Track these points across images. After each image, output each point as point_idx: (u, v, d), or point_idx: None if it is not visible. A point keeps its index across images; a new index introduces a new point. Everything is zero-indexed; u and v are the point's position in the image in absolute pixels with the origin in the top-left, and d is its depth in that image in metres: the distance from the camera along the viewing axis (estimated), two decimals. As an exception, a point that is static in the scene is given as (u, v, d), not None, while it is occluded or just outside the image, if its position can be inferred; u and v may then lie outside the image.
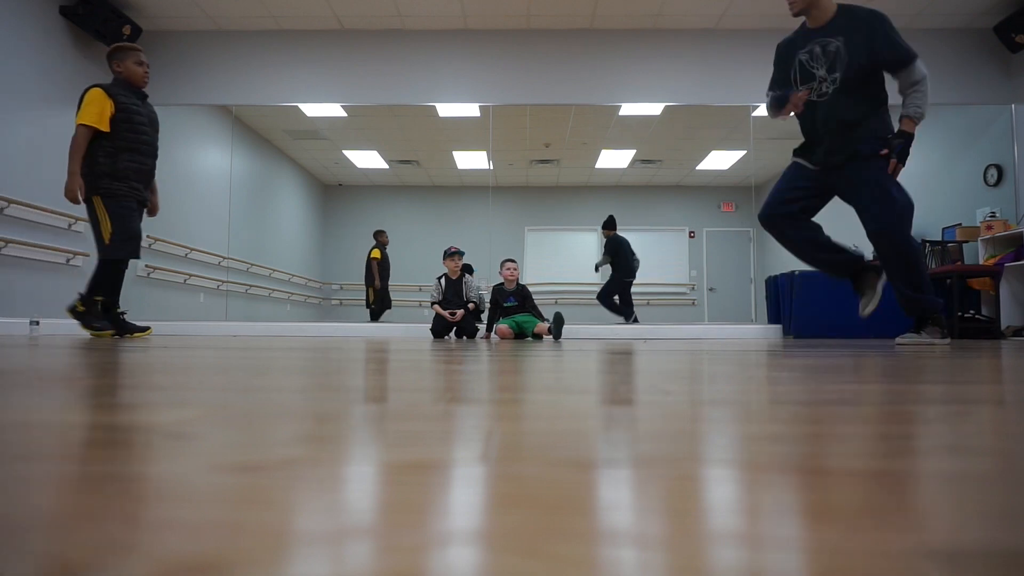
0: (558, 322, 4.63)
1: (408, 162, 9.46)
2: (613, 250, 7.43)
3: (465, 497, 0.35)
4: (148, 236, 5.88)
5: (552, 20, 6.32)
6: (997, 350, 2.60)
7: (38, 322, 4.71)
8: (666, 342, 3.85)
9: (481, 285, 5.60)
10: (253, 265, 8.22)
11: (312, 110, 7.20)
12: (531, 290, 5.04)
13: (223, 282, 7.48)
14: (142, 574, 0.23)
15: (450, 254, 5.24)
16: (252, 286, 8.20)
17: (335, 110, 7.25)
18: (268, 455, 0.45)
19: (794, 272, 5.57)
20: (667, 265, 9.49)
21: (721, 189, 9.77)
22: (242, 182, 8.07)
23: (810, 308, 5.39)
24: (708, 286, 9.66)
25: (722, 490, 0.37)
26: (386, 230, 8.36)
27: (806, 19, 3.09)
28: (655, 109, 7.13)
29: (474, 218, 8.21)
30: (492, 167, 7.97)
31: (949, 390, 0.97)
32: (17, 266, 5.06)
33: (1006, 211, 6.20)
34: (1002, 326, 5.51)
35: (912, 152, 2.98)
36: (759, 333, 5.85)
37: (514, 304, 4.90)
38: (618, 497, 0.35)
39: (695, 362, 1.68)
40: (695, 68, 6.47)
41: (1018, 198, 6.22)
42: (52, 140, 5.49)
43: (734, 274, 9.45)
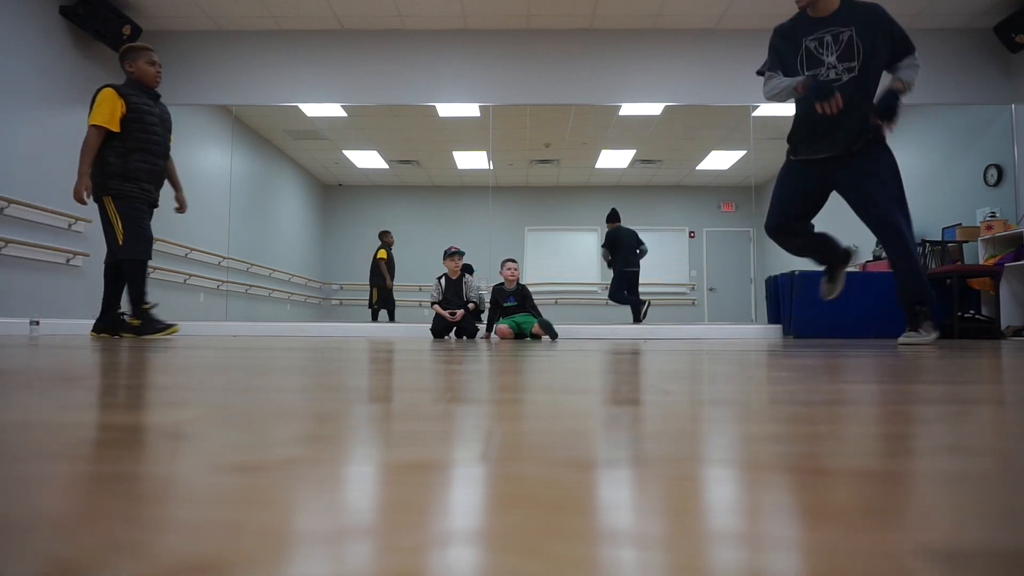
0: (546, 327, 4.67)
1: (408, 162, 9.46)
2: (611, 244, 7.32)
3: (465, 497, 0.35)
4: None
5: (552, 20, 6.32)
6: (997, 350, 2.60)
7: (38, 322, 4.71)
8: (666, 342, 3.85)
9: (481, 285, 5.60)
10: (253, 265, 8.22)
11: (312, 110, 7.20)
12: (531, 290, 5.04)
13: (223, 282, 7.49)
14: (142, 574, 0.23)
15: (450, 254, 5.23)
16: (252, 286, 8.20)
17: (335, 110, 7.25)
18: (268, 455, 0.45)
19: (794, 272, 5.56)
20: (667, 265, 9.48)
21: (721, 189, 9.78)
22: (242, 182, 8.07)
23: (810, 308, 5.38)
24: (708, 286, 9.66)
25: (722, 490, 0.37)
26: (388, 230, 8.35)
27: (809, 9, 3.08)
28: (655, 109, 7.13)
29: (474, 218, 8.22)
30: (492, 167, 7.97)
31: (949, 390, 0.97)
32: (17, 266, 5.06)
33: (1006, 211, 6.20)
34: (1002, 326, 5.51)
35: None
36: (759, 333, 5.85)
37: (514, 304, 4.90)
38: (618, 497, 0.35)
39: (695, 362, 1.68)
40: (695, 68, 6.47)
41: (1018, 198, 6.22)
42: (52, 140, 5.49)
43: (734, 274, 9.46)
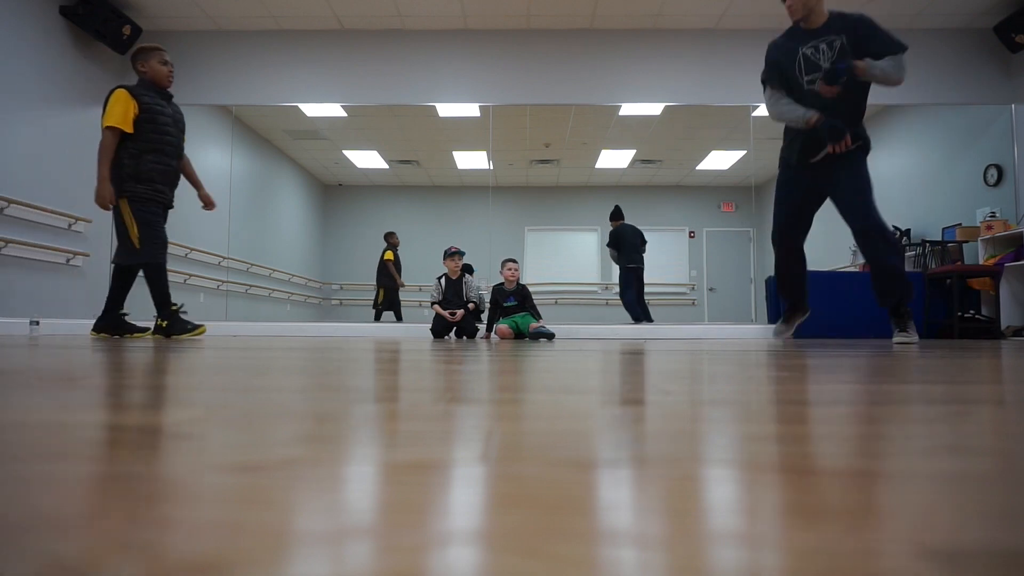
0: (536, 335, 4.64)
1: (408, 162, 9.46)
2: (615, 241, 7.31)
3: (465, 497, 0.35)
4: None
5: (552, 20, 6.32)
6: (997, 350, 2.60)
7: (38, 322, 4.71)
8: (666, 342, 3.85)
9: (481, 285, 5.59)
10: (253, 265, 8.22)
11: (312, 110, 7.20)
12: (531, 290, 5.04)
13: (223, 282, 7.49)
14: (142, 574, 0.23)
15: (450, 254, 5.23)
16: (252, 286, 8.20)
17: (335, 110, 7.25)
18: (268, 455, 0.45)
19: (794, 272, 5.55)
20: (667, 265, 9.48)
21: (721, 189, 9.77)
22: (242, 182, 8.07)
23: (810, 308, 5.38)
24: (708, 286, 9.65)
25: (722, 490, 0.37)
26: (387, 230, 8.35)
27: (802, 22, 3.24)
28: (655, 109, 7.13)
29: (474, 218, 8.21)
30: (492, 167, 7.97)
31: (949, 390, 0.97)
32: (17, 266, 5.06)
33: (1006, 211, 6.20)
34: (1002, 326, 5.51)
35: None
36: (759, 333, 5.84)
37: (514, 304, 4.90)
38: (618, 497, 0.35)
39: (695, 362, 1.68)
40: (695, 68, 6.47)
41: (1018, 198, 6.22)
42: (52, 140, 5.49)
43: (734, 274, 9.45)
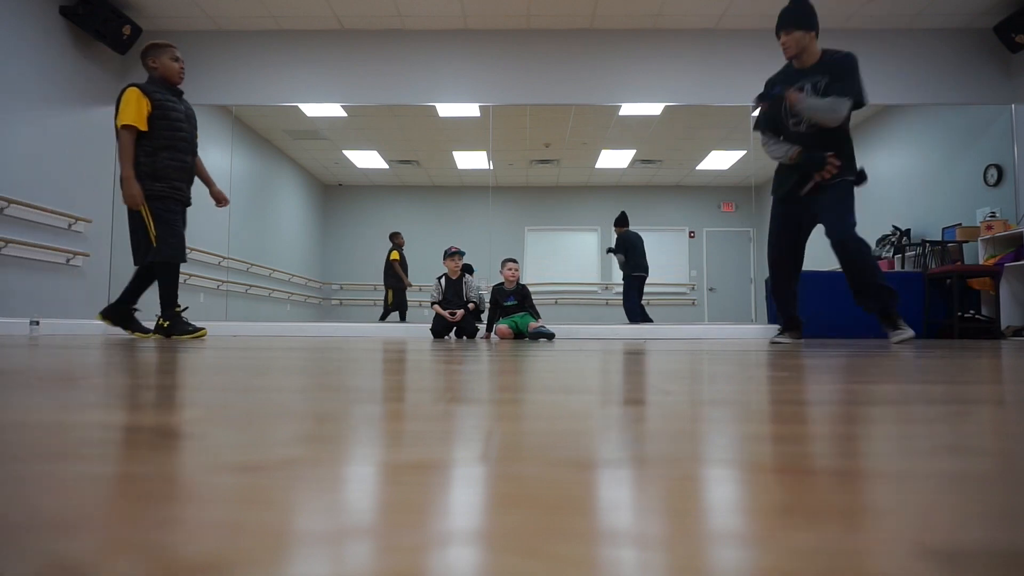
0: (536, 335, 4.64)
1: (408, 162, 9.46)
2: (623, 248, 7.28)
3: (465, 497, 0.35)
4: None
5: (552, 20, 6.32)
6: (997, 350, 2.60)
7: (38, 322, 4.71)
8: (666, 342, 3.85)
9: (481, 285, 5.59)
10: (253, 265, 8.21)
11: (312, 110, 7.20)
12: (531, 290, 5.04)
13: (223, 282, 7.48)
14: (142, 574, 0.23)
15: (450, 254, 5.23)
16: (252, 286, 8.20)
17: (335, 110, 7.25)
18: (268, 455, 0.45)
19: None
20: (667, 265, 9.47)
21: (721, 189, 9.77)
22: (242, 182, 8.07)
23: (810, 308, 5.38)
24: (708, 286, 9.65)
25: (722, 490, 0.37)
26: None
27: (795, 61, 3.44)
28: (655, 109, 7.13)
29: (474, 218, 8.20)
30: (492, 167, 7.96)
31: (949, 390, 0.97)
32: (17, 266, 5.06)
33: (1006, 211, 6.20)
34: (1002, 326, 5.51)
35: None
36: (759, 333, 5.85)
37: (514, 304, 4.90)
38: (618, 497, 0.35)
39: (695, 362, 1.68)
40: (695, 68, 6.47)
41: (1018, 198, 6.21)
42: (52, 140, 5.49)
43: (734, 274, 9.45)
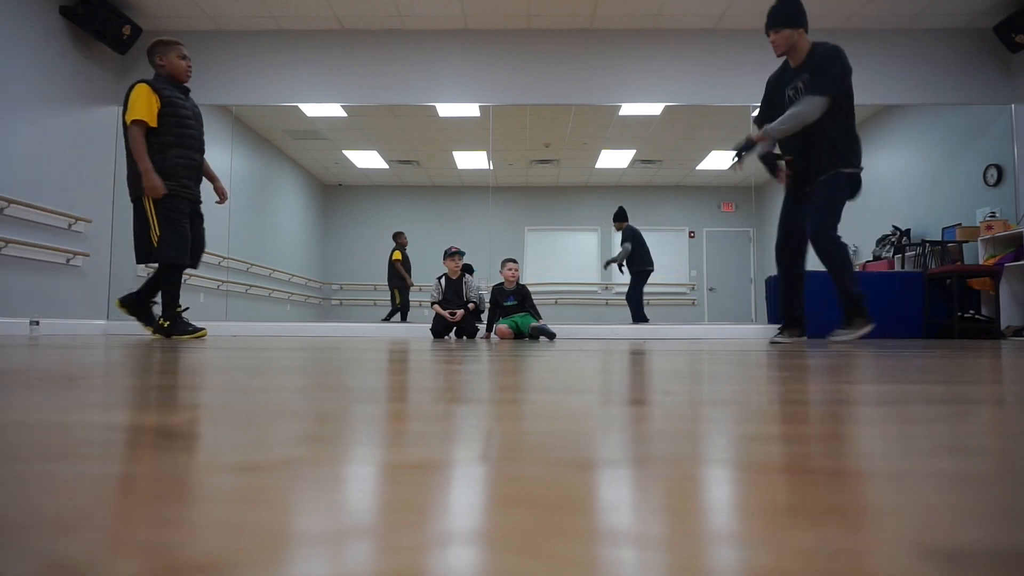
0: (536, 334, 4.64)
1: (408, 162, 9.46)
2: (632, 240, 7.20)
3: (465, 497, 0.35)
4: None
5: (552, 20, 6.32)
6: (997, 350, 2.60)
7: (38, 322, 4.71)
8: (666, 342, 3.85)
9: (481, 285, 5.59)
10: (253, 265, 8.21)
11: (312, 110, 7.20)
12: (531, 290, 5.04)
13: (223, 282, 7.48)
14: (142, 574, 0.23)
15: (450, 254, 5.23)
16: (252, 286, 8.20)
17: (335, 110, 7.24)
18: (268, 455, 0.45)
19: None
20: (667, 265, 9.46)
21: (721, 189, 9.77)
22: (242, 182, 8.07)
23: (810, 308, 5.38)
24: (708, 286, 9.65)
25: (722, 490, 0.37)
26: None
27: (788, 58, 3.46)
28: (655, 109, 7.12)
29: (474, 218, 8.20)
30: (492, 167, 7.96)
31: (949, 390, 0.97)
32: (17, 266, 5.06)
33: (1006, 211, 6.20)
34: (1002, 326, 5.50)
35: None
36: (759, 333, 5.84)
37: (514, 304, 4.90)
38: (618, 497, 0.35)
39: (695, 362, 1.68)
40: (695, 68, 6.47)
41: (1018, 198, 6.21)
42: (52, 140, 5.49)
43: (734, 274, 9.45)
